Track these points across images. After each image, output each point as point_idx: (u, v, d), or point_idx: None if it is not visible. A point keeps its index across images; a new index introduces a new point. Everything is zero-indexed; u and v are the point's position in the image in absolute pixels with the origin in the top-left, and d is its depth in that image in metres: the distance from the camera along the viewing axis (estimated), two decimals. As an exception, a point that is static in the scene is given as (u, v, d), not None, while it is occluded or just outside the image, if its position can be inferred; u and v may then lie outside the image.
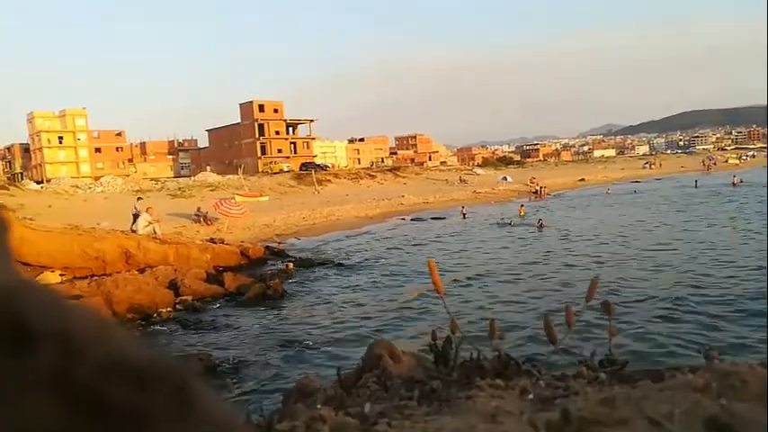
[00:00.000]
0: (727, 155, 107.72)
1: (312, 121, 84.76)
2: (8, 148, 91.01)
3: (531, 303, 10.62)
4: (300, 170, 58.69)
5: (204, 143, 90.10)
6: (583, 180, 59.20)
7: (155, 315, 10.63)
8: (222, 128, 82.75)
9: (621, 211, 28.74)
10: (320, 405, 1.60)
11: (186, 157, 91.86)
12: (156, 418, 0.29)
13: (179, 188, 41.80)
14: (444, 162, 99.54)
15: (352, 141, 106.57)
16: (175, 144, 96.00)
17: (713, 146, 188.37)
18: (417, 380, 1.69)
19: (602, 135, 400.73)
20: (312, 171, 53.93)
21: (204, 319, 10.60)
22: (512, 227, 23.91)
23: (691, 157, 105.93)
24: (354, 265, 15.82)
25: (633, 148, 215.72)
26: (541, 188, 45.62)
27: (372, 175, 59.96)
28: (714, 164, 79.87)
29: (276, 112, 79.69)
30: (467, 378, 1.64)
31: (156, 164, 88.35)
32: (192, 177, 54.57)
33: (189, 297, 11.64)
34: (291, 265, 15.01)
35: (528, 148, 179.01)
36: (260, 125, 76.93)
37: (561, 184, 54.61)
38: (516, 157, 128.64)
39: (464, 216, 29.95)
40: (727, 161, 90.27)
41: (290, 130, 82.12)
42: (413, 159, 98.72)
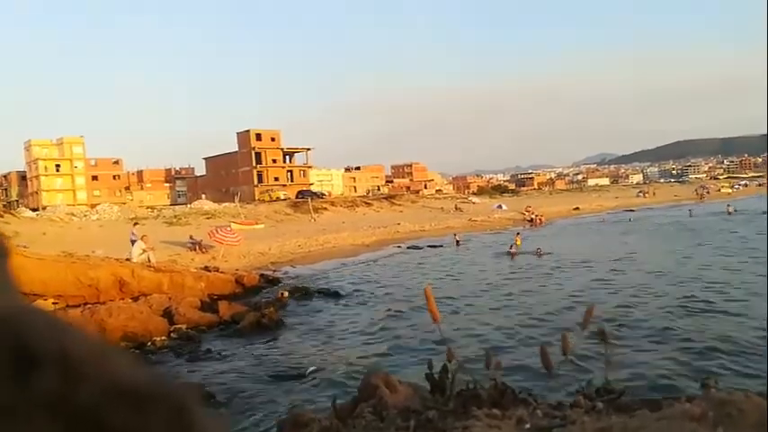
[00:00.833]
0: (719, 184, 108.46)
1: (309, 149, 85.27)
2: (5, 176, 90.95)
3: (528, 331, 10.55)
4: (297, 198, 58.80)
5: (201, 171, 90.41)
6: (578, 209, 59.43)
7: (148, 344, 10.52)
8: (219, 156, 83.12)
9: (617, 240, 28.80)
10: (315, 435, 1.58)
11: (183, 185, 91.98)
12: None
13: (175, 216, 41.72)
14: (440, 190, 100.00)
15: (348, 170, 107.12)
16: (172, 172, 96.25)
17: (706, 175, 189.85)
18: (413, 410, 1.68)
19: (596, 164, 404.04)
20: (308, 199, 54.02)
21: (198, 348, 10.48)
22: (509, 255, 23.90)
23: (684, 186, 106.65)
24: (350, 294, 15.73)
25: (627, 176, 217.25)
26: (536, 216, 45.82)
27: (368, 202, 60.07)
28: (707, 192, 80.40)
29: (273, 140, 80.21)
30: (463, 407, 1.63)
31: (153, 192, 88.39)
32: (189, 205, 54.56)
33: (183, 326, 11.53)
34: (286, 294, 14.92)
35: (523, 176, 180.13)
36: (257, 153, 77.35)
37: (556, 212, 54.79)
38: (511, 186, 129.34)
39: (458, 243, 30.00)
40: (719, 190, 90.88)
41: (286, 158, 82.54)
42: (409, 187, 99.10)
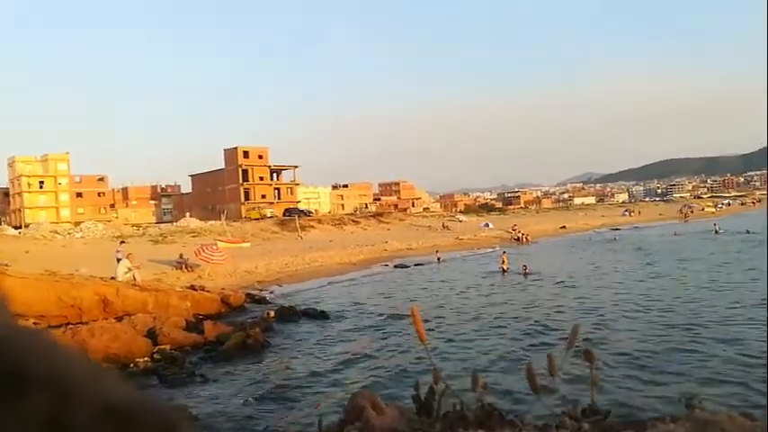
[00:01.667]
0: (703, 203, 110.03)
1: (296, 167, 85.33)
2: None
3: (514, 351, 10.55)
4: (284, 216, 58.63)
5: (188, 188, 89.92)
6: (564, 227, 59.90)
7: (131, 365, 10.33)
8: (206, 173, 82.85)
9: (602, 259, 29.03)
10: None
11: (169, 203, 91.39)
12: None
13: (160, 234, 41.39)
14: (427, 208, 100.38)
15: (336, 187, 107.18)
16: (158, 189, 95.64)
17: (690, 194, 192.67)
18: (400, 431, 1.67)
19: (581, 183, 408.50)
20: (296, 217, 53.89)
21: (182, 369, 10.32)
22: (495, 274, 23.97)
23: (669, 205, 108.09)
24: (336, 314, 15.65)
25: (612, 195, 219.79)
26: (523, 235, 46.11)
27: (356, 220, 60.07)
28: (691, 212, 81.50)
29: (261, 158, 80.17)
30: (450, 429, 1.63)
31: (139, 209, 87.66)
32: (175, 223, 54.15)
33: (167, 346, 11.36)
34: (273, 314, 14.79)
35: (509, 195, 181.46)
36: (244, 171, 77.20)
37: (543, 230, 55.16)
38: (498, 204, 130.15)
39: (438, 261, 31.06)
40: (703, 209, 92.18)
41: (274, 176, 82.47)
42: (396, 206, 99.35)
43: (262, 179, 79.03)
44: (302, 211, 64.78)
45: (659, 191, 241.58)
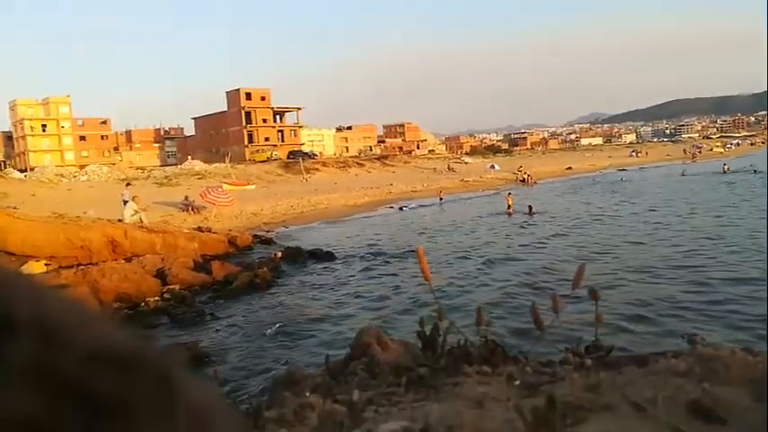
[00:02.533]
0: (712, 143, 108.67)
1: (300, 108, 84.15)
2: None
3: (520, 289, 10.69)
4: (288, 158, 58.36)
5: (191, 131, 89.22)
6: (570, 168, 59.52)
7: (142, 304, 10.57)
8: (209, 116, 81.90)
9: (607, 200, 28.97)
10: (308, 393, 1.60)
11: (173, 146, 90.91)
12: (140, 406, 0.29)
13: (165, 177, 41.43)
14: (432, 150, 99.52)
15: (340, 130, 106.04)
16: (161, 132, 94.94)
17: (699, 134, 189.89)
18: (405, 367, 1.70)
19: (589, 123, 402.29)
20: (300, 159, 53.65)
21: (192, 308, 10.55)
22: (500, 215, 24.03)
23: (677, 146, 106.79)
24: (342, 254, 15.82)
25: (620, 136, 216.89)
26: (528, 176, 45.94)
27: (360, 163, 59.80)
28: (699, 152, 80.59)
29: (263, 99, 78.97)
30: (454, 365, 1.66)
31: (142, 152, 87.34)
32: (179, 166, 54.07)
33: (176, 286, 11.58)
34: (280, 254, 14.97)
35: (516, 136, 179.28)
36: (247, 113, 76.25)
37: (549, 172, 54.87)
38: (504, 146, 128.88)
39: (441, 200, 31.84)
40: (711, 149, 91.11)
41: (277, 118, 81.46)
42: (401, 148, 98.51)
43: (265, 121, 78.15)
44: (306, 153, 64.38)
45: (668, 131, 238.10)
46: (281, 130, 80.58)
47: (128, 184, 25.73)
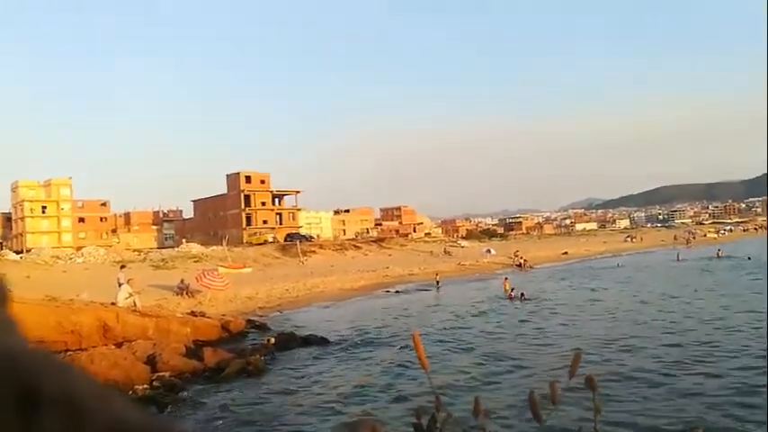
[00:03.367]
0: (705, 229, 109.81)
1: (298, 192, 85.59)
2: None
3: (516, 380, 10.43)
4: (285, 241, 58.58)
5: (190, 214, 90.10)
6: (566, 253, 59.72)
7: (129, 393, 10.23)
8: (208, 198, 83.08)
9: (604, 285, 28.86)
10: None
11: (171, 228, 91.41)
12: None
13: (162, 259, 41.35)
14: (429, 234, 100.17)
15: (337, 212, 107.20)
16: (160, 215, 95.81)
17: (691, 220, 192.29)
18: (401, 461, 1.66)
19: (583, 209, 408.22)
20: (297, 242, 53.85)
21: (182, 396, 10.22)
22: (496, 300, 23.85)
23: (670, 231, 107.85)
24: (337, 340, 15.52)
25: (614, 221, 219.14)
26: (524, 261, 46.03)
27: (357, 246, 59.98)
28: (693, 237, 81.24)
29: (263, 183, 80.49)
30: (452, 458, 1.61)
31: (140, 234, 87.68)
32: (176, 248, 54.10)
33: (167, 373, 11.26)
34: (273, 340, 14.68)
35: (511, 220, 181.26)
36: (246, 196, 77.44)
37: (545, 257, 54.96)
38: (500, 230, 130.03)
39: (438, 283, 31.62)
40: (705, 235, 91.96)
41: (276, 201, 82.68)
42: (398, 231, 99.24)
43: (264, 204, 79.22)
44: (304, 236, 64.75)
45: (661, 217, 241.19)
46: (279, 213, 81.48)
47: (122, 267, 25.64)
